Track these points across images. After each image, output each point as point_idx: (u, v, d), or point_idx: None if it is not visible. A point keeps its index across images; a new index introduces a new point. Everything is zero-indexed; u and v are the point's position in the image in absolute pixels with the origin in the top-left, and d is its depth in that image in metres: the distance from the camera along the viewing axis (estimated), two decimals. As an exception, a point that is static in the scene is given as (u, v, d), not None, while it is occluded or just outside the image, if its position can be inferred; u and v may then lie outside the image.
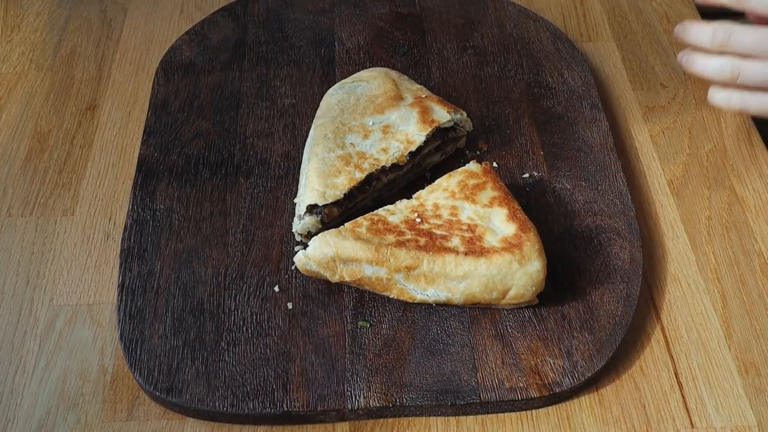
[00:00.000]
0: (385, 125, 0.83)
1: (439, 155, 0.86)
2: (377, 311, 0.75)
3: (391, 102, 0.84)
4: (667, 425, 0.70)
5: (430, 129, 0.82)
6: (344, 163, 0.80)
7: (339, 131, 0.82)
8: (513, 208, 0.75)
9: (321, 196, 0.77)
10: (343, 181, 0.78)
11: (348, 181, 0.79)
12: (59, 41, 1.05)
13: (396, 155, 0.81)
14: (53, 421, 0.70)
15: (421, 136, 0.82)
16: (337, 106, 0.85)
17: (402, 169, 0.82)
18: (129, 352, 0.72)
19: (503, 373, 0.71)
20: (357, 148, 0.81)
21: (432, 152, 0.84)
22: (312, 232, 0.78)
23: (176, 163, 0.87)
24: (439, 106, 0.84)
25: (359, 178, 0.79)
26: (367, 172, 0.79)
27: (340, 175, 0.79)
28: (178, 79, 0.96)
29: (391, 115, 0.83)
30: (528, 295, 0.73)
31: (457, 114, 0.84)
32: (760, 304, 0.78)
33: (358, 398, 0.70)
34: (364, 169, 0.79)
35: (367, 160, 0.80)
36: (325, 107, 0.86)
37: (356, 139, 0.82)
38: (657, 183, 0.88)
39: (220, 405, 0.69)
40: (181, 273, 0.78)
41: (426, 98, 0.85)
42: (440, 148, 0.85)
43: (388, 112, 0.84)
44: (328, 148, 0.81)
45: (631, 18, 1.07)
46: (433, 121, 0.82)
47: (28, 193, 0.87)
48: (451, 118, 0.83)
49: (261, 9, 1.05)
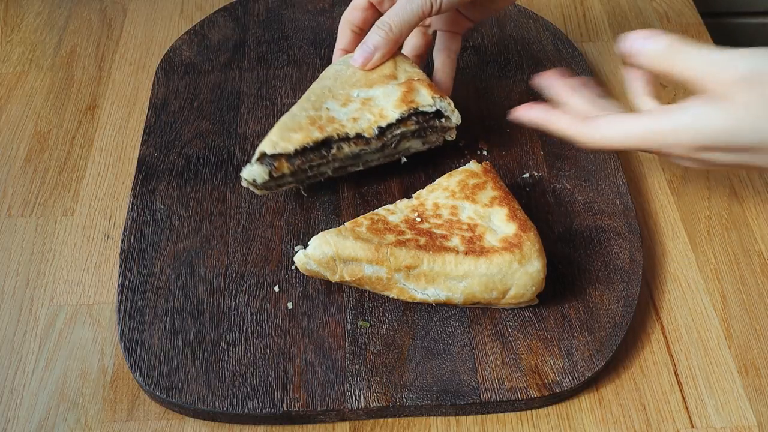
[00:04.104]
0: (367, 98, 0.81)
1: (420, 142, 0.83)
2: (377, 311, 0.75)
3: (383, 79, 0.82)
4: (667, 425, 0.70)
5: (406, 108, 0.80)
6: (310, 122, 0.79)
7: (322, 95, 0.81)
8: (513, 208, 0.75)
9: (273, 145, 0.77)
10: (299, 137, 0.78)
11: (303, 138, 0.77)
12: (59, 41, 1.05)
13: (363, 126, 0.79)
14: (53, 421, 0.70)
15: (395, 113, 0.80)
16: (333, 75, 0.84)
17: (369, 144, 0.80)
18: (129, 352, 0.72)
19: (503, 373, 0.71)
20: (330, 113, 0.80)
21: (409, 136, 0.82)
22: (258, 182, 0.78)
23: (176, 163, 0.87)
24: (427, 89, 0.81)
25: (316, 138, 0.78)
26: (327, 134, 0.78)
27: (299, 131, 0.78)
28: (178, 79, 0.96)
29: (377, 90, 0.82)
30: (528, 294, 0.73)
31: (442, 101, 0.81)
32: (760, 304, 0.78)
33: (358, 398, 0.70)
34: (325, 131, 0.78)
35: (333, 125, 0.79)
36: (323, 74, 0.86)
37: (334, 106, 0.81)
38: (657, 183, 0.88)
39: (220, 405, 0.69)
40: (181, 273, 0.78)
41: (417, 81, 0.82)
42: (421, 134, 0.82)
43: (376, 87, 0.82)
44: (304, 108, 0.80)
45: (631, 18, 1.07)
46: (413, 101, 0.80)
47: (28, 193, 0.87)
48: (433, 103, 0.80)
49: (261, 9, 1.05)
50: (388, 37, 0.81)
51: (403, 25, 0.80)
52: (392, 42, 0.81)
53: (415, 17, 0.80)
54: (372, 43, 0.81)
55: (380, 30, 0.81)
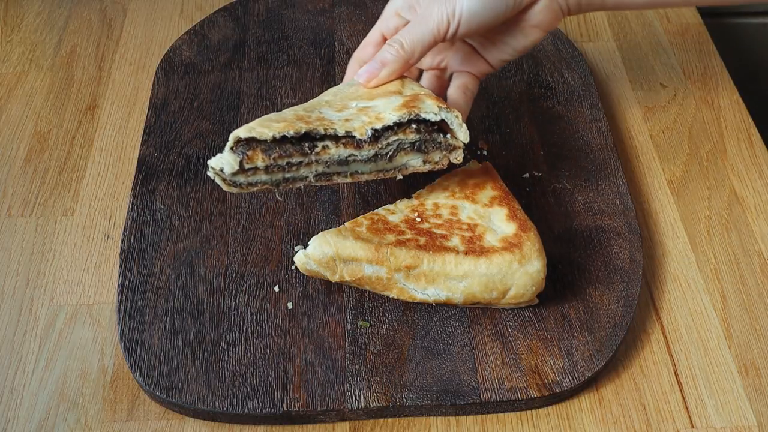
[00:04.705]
0: (365, 107, 0.73)
1: (420, 159, 0.74)
2: (377, 311, 0.75)
3: (387, 94, 0.74)
4: (667, 425, 0.70)
5: (405, 111, 0.71)
6: (297, 118, 0.70)
7: (318, 104, 0.74)
8: (513, 208, 0.75)
9: (248, 130, 0.68)
10: (280, 126, 0.68)
11: (284, 127, 0.68)
12: (59, 41, 1.05)
13: (355, 125, 0.70)
14: (53, 421, 0.70)
15: (392, 115, 0.70)
16: (334, 92, 0.77)
17: (360, 149, 0.70)
18: (129, 352, 0.72)
19: (503, 373, 0.71)
20: (322, 115, 0.72)
21: (407, 148, 0.72)
22: (226, 172, 0.68)
23: (176, 163, 0.87)
24: (432, 100, 0.72)
25: (298, 128, 0.68)
26: (313, 127, 0.69)
27: (282, 122, 0.69)
28: (178, 79, 0.96)
29: (378, 101, 0.73)
30: (528, 294, 0.73)
31: (449, 112, 0.72)
32: (760, 304, 0.78)
33: (358, 398, 0.70)
34: (310, 124, 0.69)
35: (323, 122, 0.70)
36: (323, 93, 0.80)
37: (328, 112, 0.72)
38: (657, 183, 0.88)
39: (220, 405, 0.69)
40: (181, 273, 0.78)
41: (424, 94, 0.74)
42: (421, 148, 0.73)
43: (378, 99, 0.74)
44: (294, 110, 0.72)
45: (631, 18, 1.08)
46: (414, 107, 0.71)
47: (28, 193, 0.87)
48: (438, 111, 0.71)
49: (261, 9, 1.05)
50: (399, 54, 0.74)
51: (416, 45, 0.74)
52: (402, 61, 0.75)
53: (429, 37, 0.74)
54: (380, 59, 0.75)
55: (391, 47, 0.75)
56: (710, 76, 1.00)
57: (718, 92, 0.98)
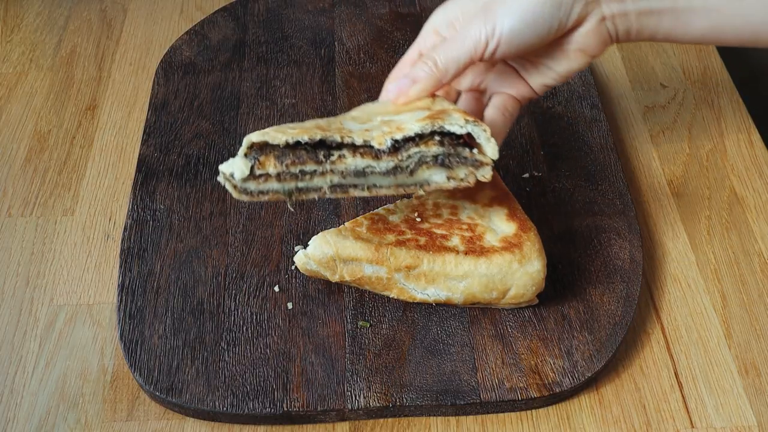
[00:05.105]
0: (389, 120, 0.69)
1: (444, 174, 0.69)
2: (377, 311, 0.75)
3: (415, 109, 0.70)
4: (667, 425, 0.70)
5: (429, 122, 0.67)
6: (315, 127, 0.67)
7: (342, 117, 0.71)
8: (513, 208, 0.75)
9: (263, 134, 0.65)
10: (295, 132, 0.65)
11: (299, 132, 0.65)
12: (59, 41, 1.05)
13: (374, 135, 0.66)
14: (53, 421, 0.70)
15: (414, 126, 0.66)
16: (361, 108, 0.74)
17: (378, 159, 0.67)
18: (129, 352, 0.72)
19: (503, 373, 0.71)
20: (343, 125, 0.68)
21: (429, 162, 0.68)
22: (237, 178, 0.65)
23: (176, 163, 0.87)
24: (459, 114, 0.68)
25: (314, 134, 0.65)
26: (329, 133, 0.65)
27: (298, 128, 0.66)
28: (178, 79, 0.96)
29: (404, 116, 0.69)
30: (528, 294, 0.73)
31: (477, 126, 0.67)
32: (760, 304, 0.78)
33: (358, 398, 0.70)
34: (327, 132, 0.66)
35: (341, 131, 0.67)
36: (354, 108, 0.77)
37: (350, 124, 0.69)
38: (657, 183, 0.88)
39: (220, 405, 0.69)
40: (181, 273, 0.78)
41: (453, 109, 0.69)
42: (444, 163, 0.68)
43: (404, 114, 0.69)
44: (315, 121, 0.69)
45: (631, 18, 1.07)
46: (439, 118, 0.67)
47: (28, 193, 0.87)
48: (464, 124, 0.67)
49: (261, 9, 1.05)
50: (432, 72, 0.69)
51: (450, 63, 0.69)
52: (435, 79, 0.70)
53: (465, 56, 0.69)
54: (411, 75, 0.70)
55: (424, 64, 0.70)
56: (710, 76, 1.00)
57: (718, 92, 0.98)
